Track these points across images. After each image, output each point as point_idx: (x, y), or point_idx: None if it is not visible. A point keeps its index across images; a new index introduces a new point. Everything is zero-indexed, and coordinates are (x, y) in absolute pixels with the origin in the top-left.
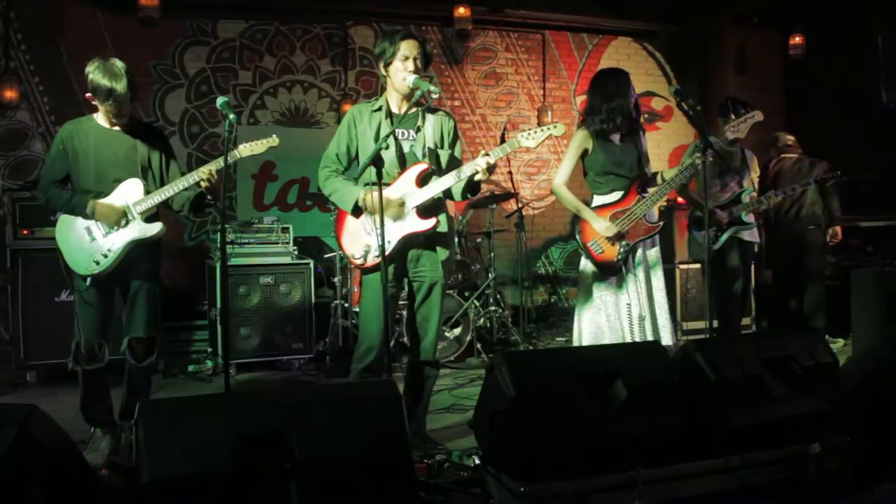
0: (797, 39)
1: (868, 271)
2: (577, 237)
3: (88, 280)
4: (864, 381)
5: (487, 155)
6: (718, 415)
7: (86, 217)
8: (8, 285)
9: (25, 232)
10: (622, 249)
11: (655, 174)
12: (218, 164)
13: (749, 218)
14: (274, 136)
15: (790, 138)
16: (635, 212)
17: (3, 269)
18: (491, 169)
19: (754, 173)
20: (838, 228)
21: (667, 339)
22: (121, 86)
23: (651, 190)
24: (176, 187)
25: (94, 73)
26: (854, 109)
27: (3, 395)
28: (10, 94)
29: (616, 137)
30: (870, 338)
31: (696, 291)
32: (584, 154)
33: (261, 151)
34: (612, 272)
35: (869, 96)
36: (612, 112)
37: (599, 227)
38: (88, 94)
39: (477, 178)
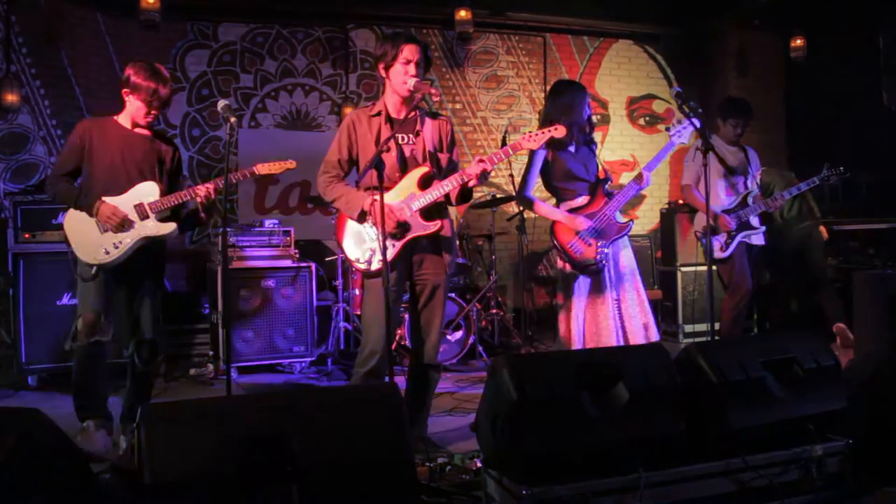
0: (798, 41)
1: (869, 273)
2: (554, 241)
3: (94, 268)
4: (866, 384)
5: (483, 161)
6: (720, 417)
7: (91, 216)
8: (10, 289)
9: (27, 235)
10: (601, 249)
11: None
12: (216, 183)
13: (756, 221)
14: (291, 159)
15: None
16: (606, 212)
17: (5, 273)
18: (485, 176)
19: (758, 172)
20: (823, 227)
21: (654, 335)
22: (167, 90)
23: (617, 192)
24: (188, 195)
25: (138, 73)
26: (855, 111)
27: (4, 399)
28: (11, 98)
29: (572, 147)
30: (871, 340)
31: (697, 294)
32: (544, 163)
33: (277, 172)
34: (592, 272)
35: (870, 98)
36: (569, 126)
37: (579, 224)
38: (126, 90)
39: (470, 184)
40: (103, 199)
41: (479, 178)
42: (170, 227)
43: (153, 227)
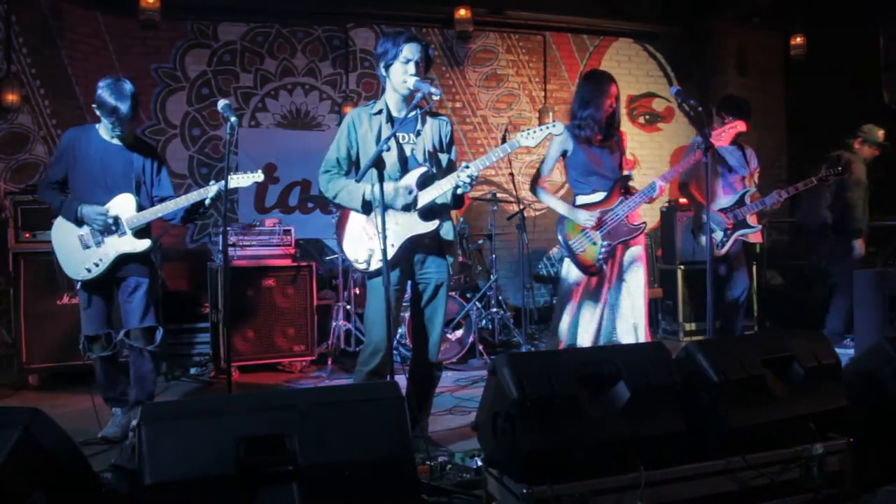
0: (798, 40)
1: (870, 271)
2: (559, 236)
3: (79, 284)
4: (866, 382)
5: (467, 167)
6: (720, 416)
7: (74, 222)
8: (10, 288)
9: (27, 235)
10: (602, 249)
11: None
12: (210, 191)
13: (752, 220)
14: (259, 171)
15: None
16: (618, 212)
17: (5, 272)
18: (472, 180)
19: (755, 170)
20: (859, 241)
21: (641, 338)
22: (125, 106)
23: (634, 192)
24: (166, 208)
25: (103, 89)
26: (855, 110)
27: (5, 399)
28: (11, 98)
29: (596, 140)
30: (872, 338)
31: (698, 293)
32: (564, 155)
33: (246, 185)
34: (592, 272)
35: (870, 96)
36: (584, 119)
37: (580, 218)
38: (94, 106)
39: (459, 191)
40: (83, 204)
41: (465, 185)
42: (145, 243)
43: (129, 244)
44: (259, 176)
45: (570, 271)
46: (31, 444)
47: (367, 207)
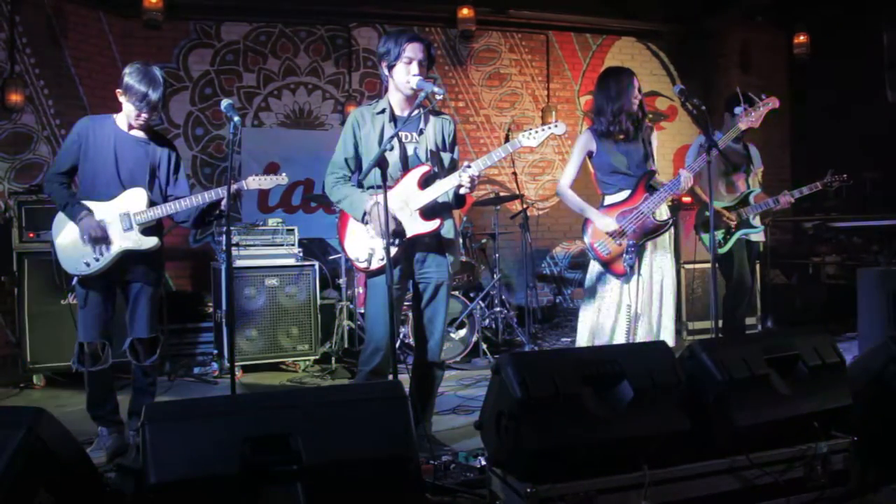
0: (801, 38)
1: (873, 270)
2: (584, 238)
3: (75, 279)
4: (870, 381)
5: (469, 167)
6: (724, 415)
7: (76, 224)
8: (14, 288)
9: (31, 235)
10: (629, 249)
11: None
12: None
13: (756, 220)
14: (284, 174)
15: None
16: (642, 210)
17: (9, 272)
18: (474, 180)
19: (760, 169)
20: None
21: (668, 341)
22: (156, 94)
23: (658, 188)
24: (179, 205)
25: (131, 75)
26: (859, 108)
27: (9, 398)
28: (15, 98)
29: (621, 137)
30: (876, 337)
31: (701, 291)
32: (590, 155)
33: (268, 187)
34: (617, 273)
35: (874, 95)
36: (616, 114)
37: (602, 224)
38: (119, 91)
39: (462, 191)
40: (90, 209)
41: (468, 185)
42: (151, 241)
43: (135, 240)
44: (283, 179)
45: (594, 274)
46: (35, 443)
47: (365, 219)
